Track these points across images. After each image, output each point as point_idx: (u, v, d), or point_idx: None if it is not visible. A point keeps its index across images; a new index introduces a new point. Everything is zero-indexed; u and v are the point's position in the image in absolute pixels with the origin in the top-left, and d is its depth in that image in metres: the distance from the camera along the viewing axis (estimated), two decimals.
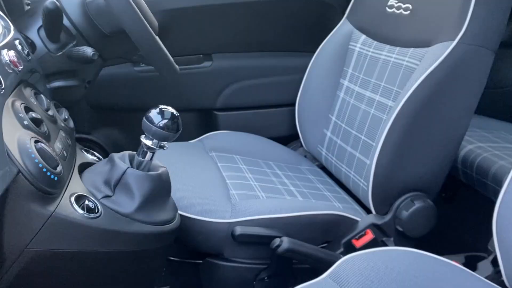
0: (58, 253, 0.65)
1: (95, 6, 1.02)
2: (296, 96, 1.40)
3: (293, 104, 1.42)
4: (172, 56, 1.06)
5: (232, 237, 0.94)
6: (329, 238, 1.04)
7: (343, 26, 1.32)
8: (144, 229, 0.74)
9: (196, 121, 1.58)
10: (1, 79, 0.66)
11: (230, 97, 1.54)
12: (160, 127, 0.74)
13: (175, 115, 0.76)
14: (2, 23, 0.86)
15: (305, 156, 1.43)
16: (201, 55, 1.51)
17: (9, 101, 0.68)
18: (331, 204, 1.09)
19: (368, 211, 1.08)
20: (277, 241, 0.92)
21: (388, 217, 1.02)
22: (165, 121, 0.74)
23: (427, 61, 0.98)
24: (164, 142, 0.76)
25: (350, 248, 1.00)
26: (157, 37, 1.00)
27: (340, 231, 1.03)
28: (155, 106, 0.76)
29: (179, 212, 0.90)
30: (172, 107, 0.77)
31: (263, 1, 1.46)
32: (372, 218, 1.03)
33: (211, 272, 1.00)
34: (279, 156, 1.35)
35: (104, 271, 0.74)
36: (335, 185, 1.25)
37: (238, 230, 0.94)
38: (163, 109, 0.75)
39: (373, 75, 1.15)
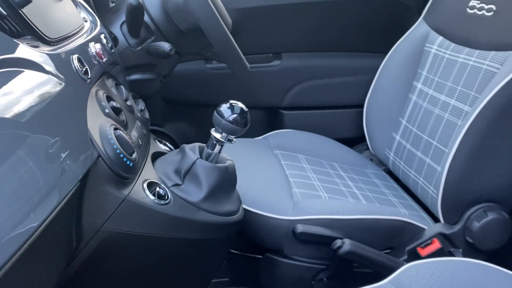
0: (129, 235, 0.69)
1: (173, 3, 1.06)
2: (365, 97, 1.38)
3: (361, 106, 1.39)
4: (243, 54, 1.08)
5: (293, 234, 0.95)
6: (392, 244, 1.01)
7: (419, 27, 1.27)
8: (209, 218, 0.77)
9: (262, 119, 1.60)
10: (88, 69, 0.71)
11: (297, 96, 1.54)
12: (229, 121, 0.76)
13: (244, 110, 0.77)
14: (90, 18, 0.93)
15: (371, 160, 1.40)
16: (271, 54, 1.53)
17: (93, 90, 0.73)
18: (396, 209, 1.06)
19: (436, 220, 1.04)
20: (338, 242, 0.91)
21: (457, 227, 0.97)
22: (235, 115, 0.76)
23: (509, 65, 0.92)
24: (232, 136, 0.78)
25: (414, 256, 0.97)
26: (230, 35, 1.02)
27: (404, 238, 1.00)
28: (226, 101, 0.78)
29: (243, 205, 0.92)
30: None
31: (336, 1, 1.45)
32: (440, 227, 0.99)
33: (271, 267, 1.01)
34: (344, 157, 1.33)
35: (169, 256, 0.77)
36: (402, 191, 1.21)
37: (299, 228, 0.94)
38: (233, 104, 0.77)
39: (449, 78, 1.10)
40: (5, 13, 0.58)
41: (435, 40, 1.19)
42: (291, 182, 1.10)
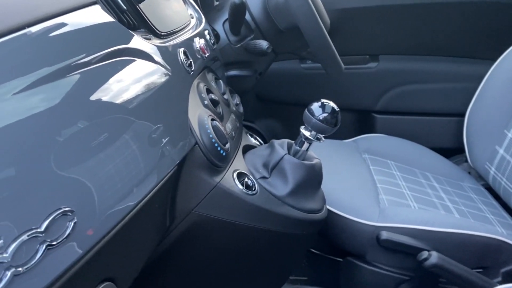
0: (217, 220, 0.73)
1: (274, 2, 1.09)
2: (466, 106, 1.29)
3: (462, 115, 1.31)
4: (339, 55, 1.08)
5: (377, 241, 0.93)
6: (485, 263, 0.94)
7: None
8: (293, 213, 0.78)
9: (353, 121, 1.58)
10: (192, 62, 0.76)
11: (392, 100, 1.49)
12: (319, 120, 0.76)
13: (335, 110, 0.77)
14: (196, 15, 0.99)
15: (469, 173, 1.31)
16: (368, 56, 1.50)
17: (195, 82, 0.77)
18: (493, 228, 0.98)
19: None
20: (424, 254, 0.87)
21: None
22: (325, 114, 0.76)
23: None
24: (321, 135, 0.79)
25: (510, 280, 0.89)
26: (327, 36, 1.02)
27: (500, 259, 0.93)
28: (318, 100, 0.78)
29: (327, 206, 0.92)
30: None
31: (441, 2, 1.38)
32: None
33: (351, 272, 1.00)
34: (439, 168, 1.26)
35: (251, 245, 0.80)
36: (502, 209, 1.12)
37: (384, 235, 0.91)
38: (324, 103, 0.77)
39: None
40: (125, 7, 0.64)
41: None
42: (379, 188, 1.07)
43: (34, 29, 0.44)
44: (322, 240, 1.05)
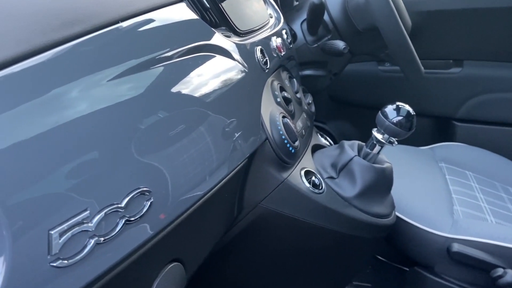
0: (282, 215, 0.74)
1: (354, 3, 1.08)
2: None
3: None
4: (420, 59, 1.04)
5: (447, 253, 0.89)
6: None
7: None
8: (359, 216, 0.77)
9: (431, 128, 1.51)
10: (268, 60, 0.78)
11: (475, 108, 1.41)
12: (393, 123, 0.74)
13: (410, 113, 0.75)
14: (275, 14, 1.01)
15: None
16: (451, 60, 1.43)
17: (269, 80, 0.79)
18: None
19: None
20: (499, 271, 0.82)
21: None
22: (400, 118, 0.74)
23: None
24: (394, 138, 0.77)
25: None
26: (408, 38, 1.00)
27: None
28: (393, 102, 0.77)
29: (396, 213, 0.90)
30: None
31: None
32: None
33: (417, 282, 0.96)
34: None
35: (314, 243, 0.80)
36: None
37: (456, 247, 0.87)
38: (399, 106, 0.75)
39: None
40: (208, 6, 0.68)
41: None
42: (454, 199, 1.02)
43: (125, 23, 0.48)
44: (389, 247, 1.02)
